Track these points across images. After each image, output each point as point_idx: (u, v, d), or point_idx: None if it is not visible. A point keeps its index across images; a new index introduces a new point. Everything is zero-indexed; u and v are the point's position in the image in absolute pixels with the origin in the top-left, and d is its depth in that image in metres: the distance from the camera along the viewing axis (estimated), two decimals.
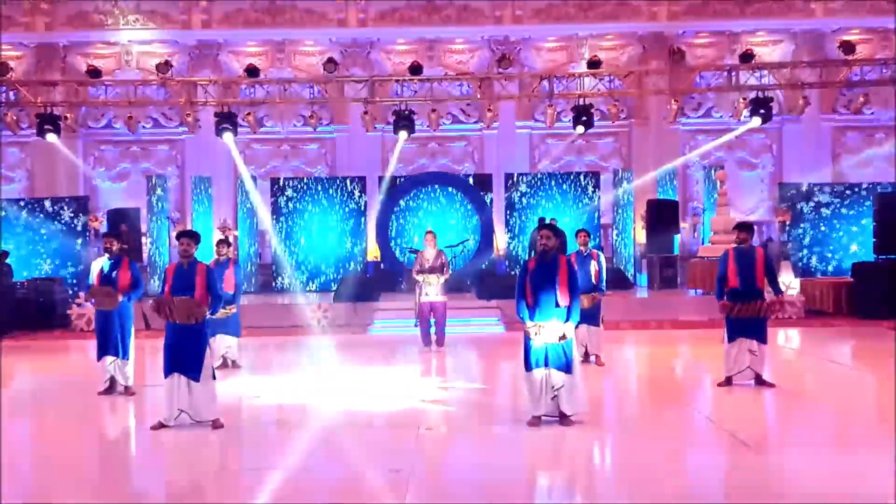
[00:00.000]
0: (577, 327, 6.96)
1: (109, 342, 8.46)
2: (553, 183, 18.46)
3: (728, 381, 8.42)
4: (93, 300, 8.57)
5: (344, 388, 8.84)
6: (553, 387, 6.73)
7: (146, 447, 6.82)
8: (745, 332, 8.31)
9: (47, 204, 17.83)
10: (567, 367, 6.71)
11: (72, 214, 17.61)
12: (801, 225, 17.85)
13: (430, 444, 6.58)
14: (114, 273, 8.36)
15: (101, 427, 7.66)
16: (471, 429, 7.08)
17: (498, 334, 13.47)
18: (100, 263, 8.54)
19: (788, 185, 18.77)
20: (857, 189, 18.01)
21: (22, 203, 18.16)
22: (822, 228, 17.80)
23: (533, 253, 7.12)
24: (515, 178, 18.51)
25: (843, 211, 17.86)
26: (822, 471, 5.66)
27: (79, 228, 17.49)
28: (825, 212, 17.82)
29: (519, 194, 18.31)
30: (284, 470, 5.74)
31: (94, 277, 8.48)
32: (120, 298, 8.36)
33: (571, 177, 18.68)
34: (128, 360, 8.52)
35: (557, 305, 6.66)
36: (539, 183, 18.48)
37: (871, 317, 14.23)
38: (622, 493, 5.39)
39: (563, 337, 6.67)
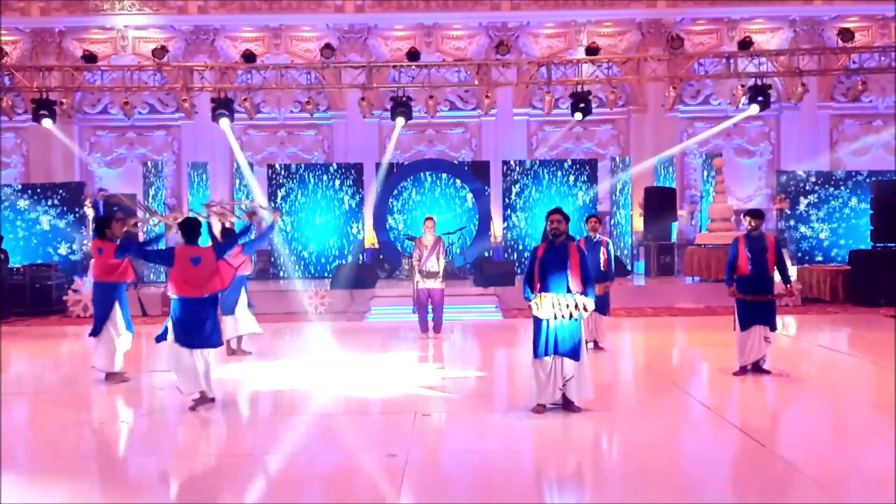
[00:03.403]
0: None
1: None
2: (551, 170, 18.42)
3: (743, 371, 8.29)
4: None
5: (341, 375, 8.84)
6: (564, 377, 6.69)
7: (143, 433, 6.81)
8: (758, 320, 8.21)
9: (43, 189, 17.80)
10: (576, 354, 6.66)
11: (67, 200, 17.59)
12: (798, 212, 17.87)
13: (426, 430, 6.58)
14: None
15: (97, 413, 7.64)
16: (468, 415, 7.08)
17: (495, 321, 13.47)
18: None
19: (786, 172, 18.78)
20: (854, 177, 18.01)
21: (17, 188, 18.12)
22: (820, 217, 17.82)
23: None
24: (513, 165, 18.47)
25: (841, 199, 17.87)
26: (823, 463, 5.66)
27: (74, 214, 17.47)
28: (822, 200, 17.83)
29: (516, 181, 18.26)
30: (282, 455, 5.74)
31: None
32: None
33: (569, 164, 18.64)
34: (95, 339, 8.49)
35: (569, 292, 6.62)
36: (537, 170, 18.44)
37: (868, 304, 14.27)
38: (621, 481, 5.39)
39: (582, 308, 6.54)
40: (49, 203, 17.70)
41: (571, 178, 18.31)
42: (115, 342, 8.44)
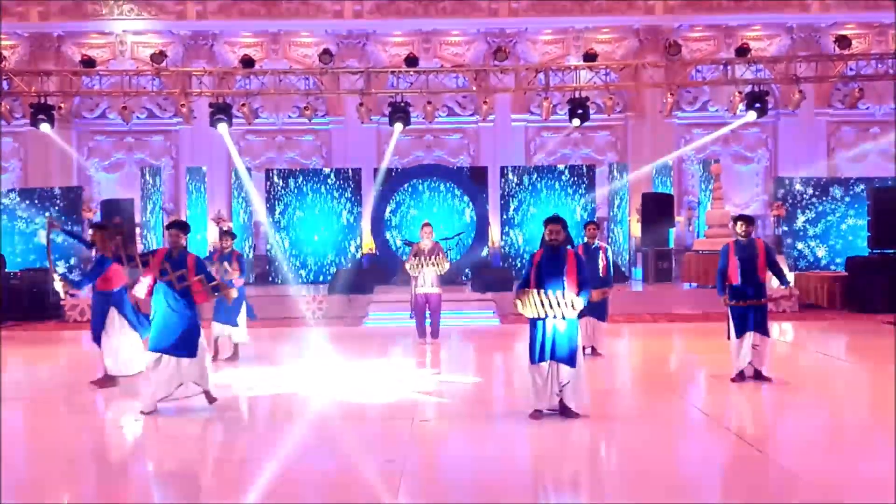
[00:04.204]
0: (580, 317, 6.86)
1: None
2: (548, 176, 18.42)
3: (741, 377, 8.25)
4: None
5: (338, 380, 8.82)
6: (560, 382, 6.65)
7: (138, 437, 6.79)
8: (750, 326, 8.16)
9: (41, 194, 17.79)
10: (572, 360, 6.61)
11: (65, 204, 17.58)
12: (796, 219, 17.89)
13: (424, 436, 6.57)
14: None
15: (93, 417, 7.62)
16: (465, 420, 7.07)
17: (493, 327, 13.47)
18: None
19: (783, 179, 18.81)
20: (852, 184, 18.04)
21: (15, 193, 18.10)
22: (817, 223, 17.85)
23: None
24: (511, 172, 18.47)
25: (838, 205, 17.89)
26: (820, 469, 5.66)
27: (72, 219, 17.44)
28: (820, 206, 17.86)
29: (514, 187, 18.26)
30: (278, 461, 5.72)
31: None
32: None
33: (567, 170, 18.64)
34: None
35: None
36: (534, 176, 18.44)
37: (865, 311, 14.27)
38: (619, 487, 5.39)
39: (570, 305, 6.47)
40: (47, 207, 17.67)
41: (569, 184, 18.31)
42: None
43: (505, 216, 18.28)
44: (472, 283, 16.06)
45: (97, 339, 8.43)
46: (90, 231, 8.66)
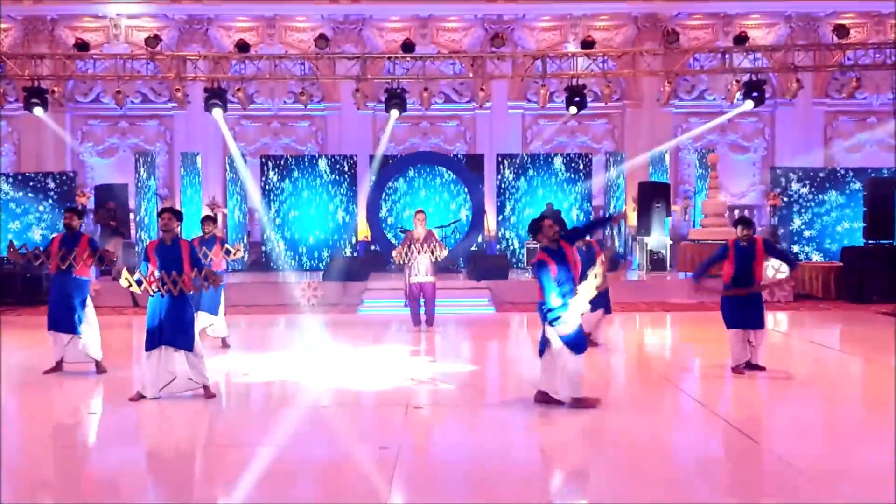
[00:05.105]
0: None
1: (62, 317, 8.19)
2: (545, 164, 18.38)
3: (736, 370, 8.18)
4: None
5: (333, 367, 8.80)
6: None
7: (132, 422, 6.75)
8: (742, 322, 8.09)
9: (34, 179, 17.69)
10: (579, 347, 6.59)
11: (59, 190, 17.48)
12: (792, 209, 17.87)
13: (418, 423, 6.56)
14: (73, 250, 8.01)
15: (86, 403, 7.58)
16: (459, 408, 7.06)
17: (487, 315, 13.46)
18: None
19: (780, 168, 18.77)
20: (848, 174, 18.02)
21: (8, 177, 18.00)
22: (813, 212, 17.84)
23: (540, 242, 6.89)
24: (507, 159, 18.41)
25: (834, 196, 17.87)
26: (815, 459, 5.65)
27: (66, 204, 17.36)
28: (816, 196, 17.84)
29: (510, 175, 18.21)
30: (272, 446, 5.70)
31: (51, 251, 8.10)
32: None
33: (563, 158, 18.59)
34: (80, 335, 8.22)
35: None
36: (531, 164, 18.39)
37: (861, 301, 14.29)
38: (614, 476, 5.37)
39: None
40: (40, 192, 17.59)
41: (565, 172, 18.26)
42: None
43: (501, 204, 18.25)
44: (467, 271, 16.03)
45: (73, 326, 8.15)
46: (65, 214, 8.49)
